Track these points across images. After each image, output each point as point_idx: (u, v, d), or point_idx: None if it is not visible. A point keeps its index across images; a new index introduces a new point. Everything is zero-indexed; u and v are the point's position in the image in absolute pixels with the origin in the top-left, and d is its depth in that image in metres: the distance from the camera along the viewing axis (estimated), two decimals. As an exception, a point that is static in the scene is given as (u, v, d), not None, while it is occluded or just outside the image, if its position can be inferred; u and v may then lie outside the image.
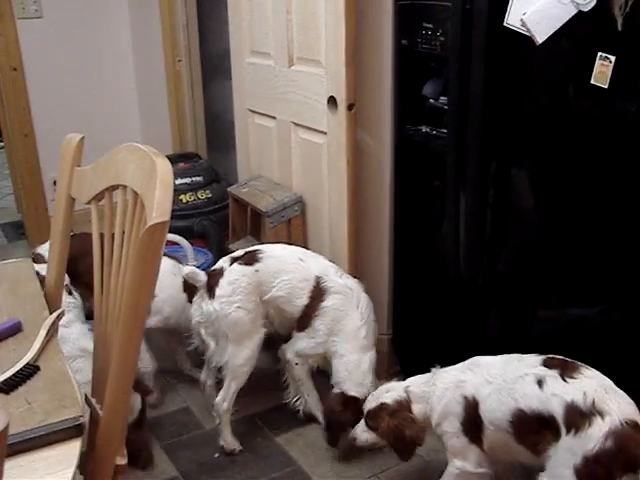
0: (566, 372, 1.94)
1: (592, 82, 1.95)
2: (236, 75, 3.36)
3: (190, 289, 2.78)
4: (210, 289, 2.62)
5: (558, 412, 1.88)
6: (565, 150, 2.16)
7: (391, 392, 2.30)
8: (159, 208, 1.09)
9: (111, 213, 1.46)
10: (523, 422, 1.98)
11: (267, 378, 3.07)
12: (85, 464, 1.38)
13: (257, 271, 2.63)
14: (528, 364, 2.03)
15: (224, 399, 2.64)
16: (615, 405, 1.84)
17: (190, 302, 2.76)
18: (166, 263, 2.80)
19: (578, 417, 1.84)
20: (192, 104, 4.46)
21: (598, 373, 1.95)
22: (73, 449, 1.11)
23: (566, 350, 2.11)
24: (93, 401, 1.44)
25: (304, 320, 2.64)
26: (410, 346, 3.01)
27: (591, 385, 1.89)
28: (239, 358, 2.61)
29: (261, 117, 3.22)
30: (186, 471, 2.62)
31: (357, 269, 2.83)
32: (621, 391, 1.89)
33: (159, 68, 4.41)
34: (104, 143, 1.49)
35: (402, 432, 2.23)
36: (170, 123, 4.50)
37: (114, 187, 1.44)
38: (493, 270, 2.50)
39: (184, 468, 2.63)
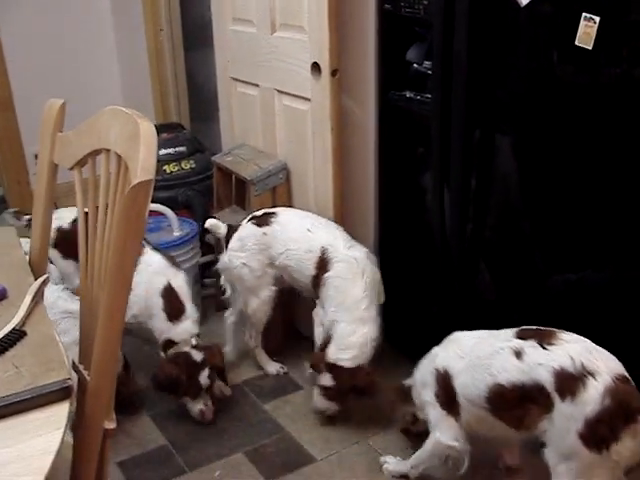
0: (544, 340, 1.95)
1: (576, 43, 1.94)
2: (218, 43, 3.33)
3: (168, 297, 2.68)
4: (226, 241, 2.82)
5: (548, 380, 1.88)
6: (549, 116, 2.16)
7: None
8: (143, 168, 1.08)
9: (95, 178, 1.45)
10: (502, 397, 1.99)
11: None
12: (74, 429, 1.38)
13: (265, 234, 2.73)
14: (502, 339, 2.04)
15: (250, 337, 2.96)
16: (603, 364, 1.86)
17: (165, 312, 2.67)
18: (155, 258, 2.75)
19: (571, 382, 1.85)
20: (174, 74, 4.41)
21: (576, 336, 1.96)
22: (62, 411, 1.10)
23: (556, 313, 2.13)
24: (80, 367, 1.43)
25: (315, 290, 2.69)
26: (396, 316, 3.01)
27: (575, 348, 1.90)
28: (248, 308, 2.84)
29: (244, 85, 3.20)
30: (175, 440, 2.63)
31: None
32: (602, 349, 1.92)
33: (140, 38, 4.35)
34: (86, 115, 1.47)
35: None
36: (152, 93, 4.45)
37: (97, 151, 1.43)
38: (479, 236, 2.50)
39: (173, 437, 2.64)
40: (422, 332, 2.76)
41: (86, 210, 1.46)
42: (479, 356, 2.05)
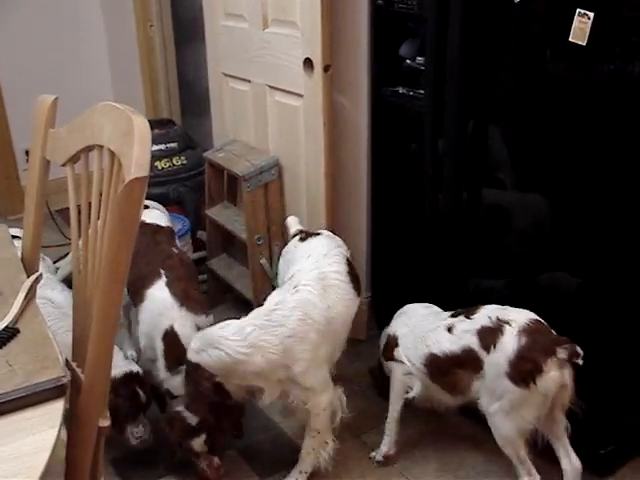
0: (469, 313, 2.24)
1: (570, 39, 1.94)
2: (210, 38, 3.31)
3: (169, 343, 2.40)
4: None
5: (473, 342, 2.15)
6: (542, 112, 2.16)
7: None
8: (137, 164, 1.07)
9: (87, 174, 1.44)
10: (436, 365, 2.27)
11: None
12: (68, 427, 1.37)
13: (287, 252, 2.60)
14: (441, 318, 2.34)
15: None
16: (516, 314, 2.14)
17: (165, 359, 2.42)
18: (162, 295, 2.49)
19: (490, 335, 2.11)
20: (165, 69, 4.40)
21: (495, 305, 2.21)
22: (56, 409, 1.10)
23: (554, 290, 2.19)
24: (74, 365, 1.43)
25: None
26: (390, 308, 3.01)
27: (491, 309, 2.19)
28: None
29: (236, 81, 3.18)
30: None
31: (335, 232, 2.82)
32: (520, 308, 2.17)
33: (131, 34, 4.33)
34: (75, 111, 1.46)
35: None
36: (143, 89, 4.43)
37: (90, 148, 1.42)
38: (472, 230, 2.51)
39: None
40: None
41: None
42: (422, 329, 2.35)
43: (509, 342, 2.06)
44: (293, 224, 2.70)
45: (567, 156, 2.12)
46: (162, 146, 3.69)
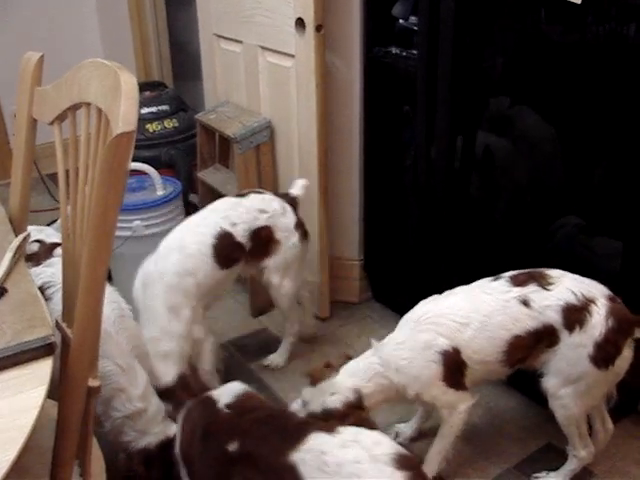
0: (542, 282, 2.00)
1: (565, -3, 1.92)
2: (201, -1, 3.27)
3: None
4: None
5: (556, 320, 1.96)
6: (536, 74, 2.14)
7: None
8: (124, 119, 1.05)
9: (75, 134, 1.42)
10: (518, 347, 2.00)
11: (241, 305, 3.10)
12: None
13: None
14: (501, 291, 2.02)
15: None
16: (594, 288, 1.99)
17: None
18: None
19: (576, 314, 1.94)
20: (156, 31, 4.36)
21: (558, 270, 2.04)
22: (45, 368, 1.10)
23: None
24: (64, 326, 1.42)
25: None
26: (382, 271, 3.02)
27: (570, 282, 1.99)
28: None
29: (227, 42, 3.14)
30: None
31: (327, 193, 2.82)
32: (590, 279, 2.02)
33: (121, -5, 4.28)
34: (65, 73, 1.43)
35: None
36: (134, 51, 4.39)
37: (77, 105, 1.39)
38: (465, 192, 2.50)
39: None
40: (407, 288, 2.77)
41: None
42: (486, 315, 2.00)
43: (597, 325, 1.93)
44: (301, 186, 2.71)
45: (561, 121, 2.11)
46: (153, 108, 3.66)
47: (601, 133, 2.04)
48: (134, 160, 3.14)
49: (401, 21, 2.53)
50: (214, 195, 3.32)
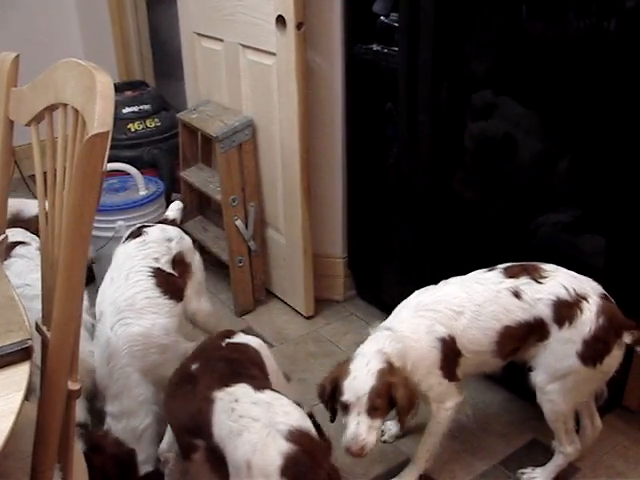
0: (535, 275, 2.01)
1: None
2: (181, -4, 3.25)
3: None
4: None
5: (546, 314, 1.96)
6: (517, 69, 2.14)
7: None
8: (99, 119, 1.04)
9: (52, 134, 1.40)
10: (509, 338, 2.01)
11: (225, 304, 3.08)
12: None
13: None
14: (494, 282, 2.03)
15: None
16: (587, 285, 1.99)
17: None
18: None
19: (567, 310, 1.95)
20: (137, 30, 4.33)
21: (553, 265, 2.04)
22: (22, 372, 1.09)
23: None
24: (44, 329, 1.40)
25: None
26: (367, 268, 3.02)
27: (563, 277, 2.00)
28: None
29: (208, 40, 3.13)
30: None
31: (310, 191, 2.81)
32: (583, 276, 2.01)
33: (101, -6, 4.25)
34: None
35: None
36: (115, 50, 4.36)
37: (54, 106, 1.38)
38: (448, 189, 2.50)
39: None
40: (392, 285, 2.77)
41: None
42: (479, 304, 2.00)
43: (587, 322, 1.93)
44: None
45: (544, 116, 2.11)
46: (135, 108, 3.65)
47: (584, 128, 2.04)
48: (116, 160, 3.17)
49: (382, 18, 2.53)
50: (197, 195, 3.32)
